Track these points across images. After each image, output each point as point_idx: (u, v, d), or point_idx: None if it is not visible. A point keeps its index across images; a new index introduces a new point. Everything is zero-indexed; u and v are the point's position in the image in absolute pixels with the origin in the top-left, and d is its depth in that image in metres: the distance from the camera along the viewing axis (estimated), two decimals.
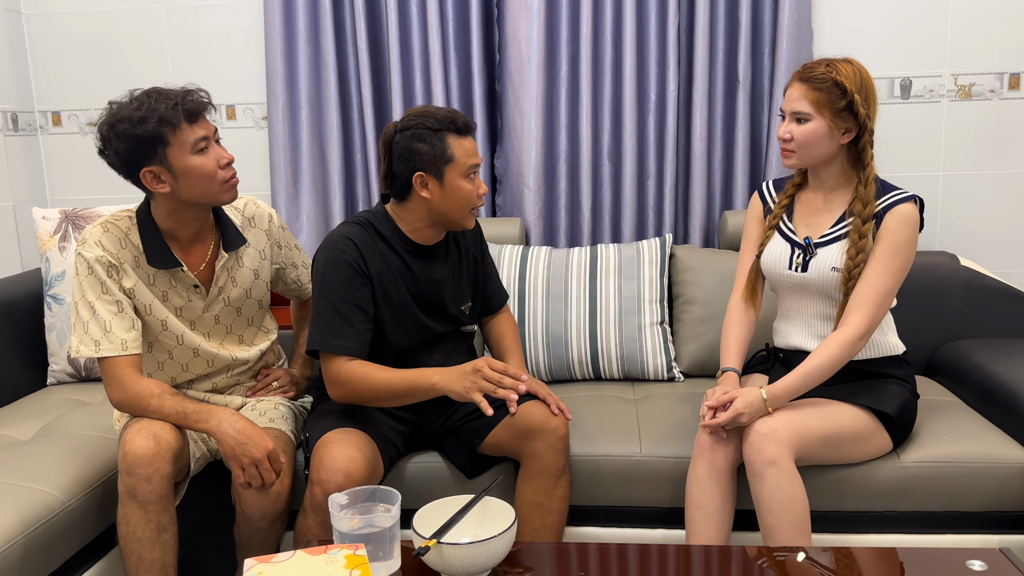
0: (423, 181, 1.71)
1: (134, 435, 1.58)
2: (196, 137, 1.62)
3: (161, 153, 1.61)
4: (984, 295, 2.28)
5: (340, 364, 1.71)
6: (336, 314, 1.71)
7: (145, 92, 1.62)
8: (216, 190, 1.67)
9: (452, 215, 1.74)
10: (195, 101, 1.63)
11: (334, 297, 1.71)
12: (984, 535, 1.80)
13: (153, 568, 1.61)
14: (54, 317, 2.29)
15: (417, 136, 1.69)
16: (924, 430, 1.86)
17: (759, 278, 1.92)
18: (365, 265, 1.74)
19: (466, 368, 1.65)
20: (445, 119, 1.70)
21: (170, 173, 1.63)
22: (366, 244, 1.75)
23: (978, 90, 2.46)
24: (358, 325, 1.72)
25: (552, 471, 1.75)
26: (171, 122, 1.59)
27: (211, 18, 2.65)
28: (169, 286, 1.76)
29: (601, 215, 2.54)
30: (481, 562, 1.31)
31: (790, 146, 1.74)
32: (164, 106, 1.59)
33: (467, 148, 1.71)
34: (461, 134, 1.71)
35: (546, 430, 1.75)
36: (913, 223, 1.71)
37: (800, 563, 1.37)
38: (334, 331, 1.70)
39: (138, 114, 1.58)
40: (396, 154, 1.72)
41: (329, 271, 1.72)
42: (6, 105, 2.64)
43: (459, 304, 1.88)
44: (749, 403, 1.68)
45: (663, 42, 2.44)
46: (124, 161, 1.63)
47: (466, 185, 1.72)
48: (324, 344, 1.71)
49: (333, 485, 1.60)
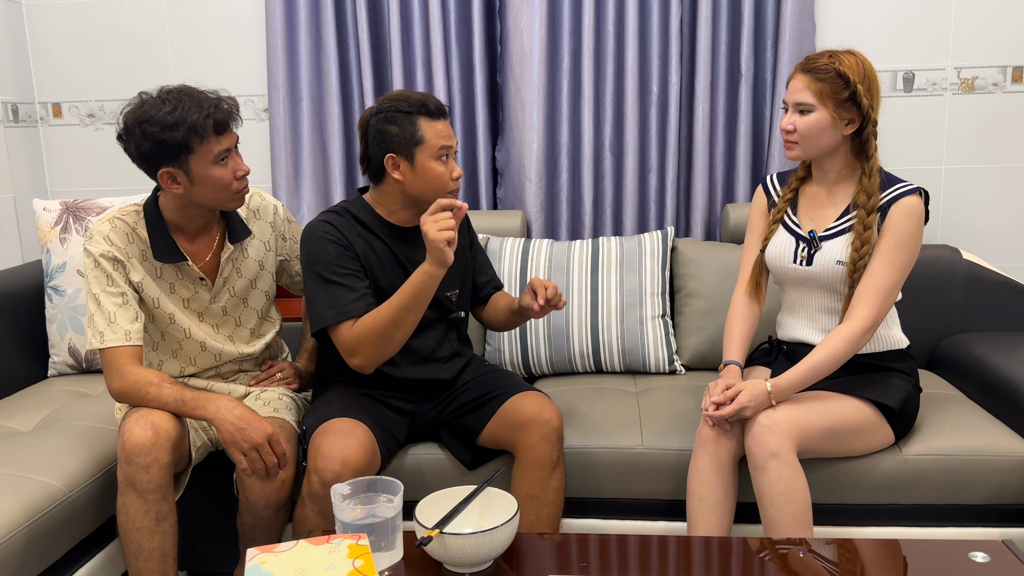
0: (395, 163, 1.73)
1: (132, 424, 1.58)
2: (221, 149, 1.64)
3: (183, 159, 1.62)
4: (986, 289, 2.27)
5: (349, 329, 1.70)
6: (335, 287, 1.71)
7: (178, 94, 1.62)
8: (227, 199, 1.70)
9: (426, 197, 1.74)
10: (225, 112, 1.64)
11: (327, 272, 1.71)
12: (985, 528, 1.80)
13: (152, 557, 1.61)
14: (55, 309, 2.29)
15: (389, 119, 1.72)
16: (926, 423, 1.86)
17: (763, 272, 1.91)
18: (349, 243, 1.75)
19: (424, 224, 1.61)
20: (417, 102, 1.72)
21: (187, 177, 1.65)
22: (346, 228, 1.76)
23: (981, 83, 2.46)
24: (359, 290, 1.72)
25: (546, 463, 1.75)
26: (200, 133, 1.60)
27: (212, 9, 2.65)
28: (176, 278, 1.77)
29: (603, 208, 2.54)
30: (483, 552, 1.31)
31: (793, 137, 1.74)
32: (197, 115, 1.59)
33: (438, 130, 1.72)
34: (433, 117, 1.72)
35: (539, 422, 1.75)
36: (918, 216, 1.71)
37: (802, 556, 1.37)
38: (336, 303, 1.70)
39: (170, 119, 1.58)
40: (370, 137, 1.75)
41: (316, 253, 1.73)
42: (6, 96, 2.63)
43: (444, 290, 1.86)
44: (754, 396, 1.68)
45: (665, 34, 2.43)
46: (144, 156, 1.64)
47: (438, 167, 1.72)
48: (334, 318, 1.69)
49: (330, 474, 1.60)
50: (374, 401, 1.83)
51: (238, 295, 1.86)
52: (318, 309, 1.72)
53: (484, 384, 1.89)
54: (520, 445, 1.77)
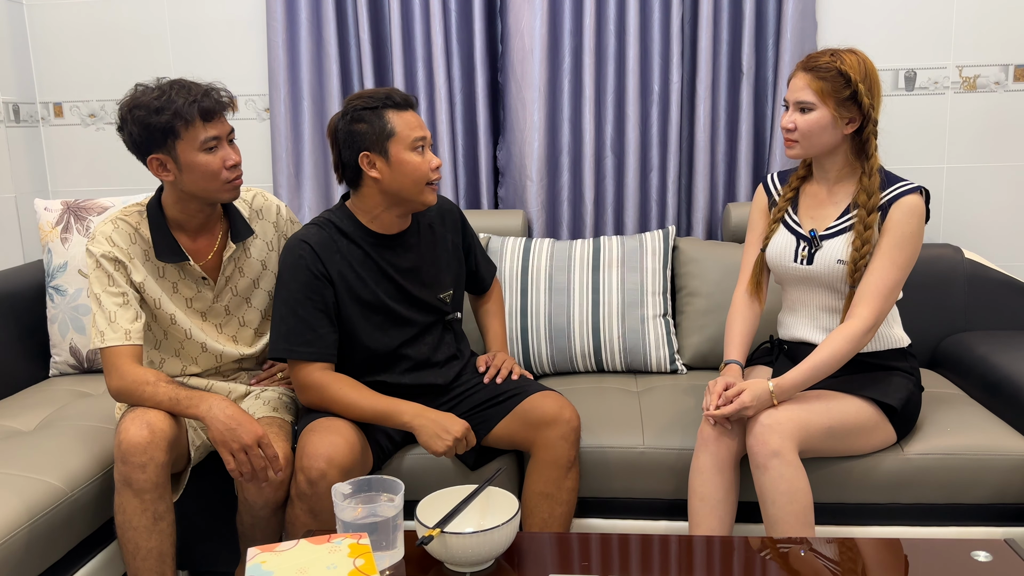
0: (369, 161, 1.71)
1: (128, 424, 1.59)
2: (207, 136, 1.65)
3: (171, 144, 1.64)
4: (988, 287, 2.27)
5: (309, 371, 1.72)
6: (297, 319, 1.71)
7: (170, 82, 1.66)
8: (217, 188, 1.70)
9: (406, 192, 1.72)
10: (214, 100, 1.66)
11: (294, 303, 1.72)
12: (988, 527, 1.80)
13: (150, 557, 1.61)
14: (56, 309, 2.29)
15: (356, 118, 1.70)
16: (928, 422, 1.86)
17: (764, 271, 1.91)
18: (324, 267, 1.73)
19: (448, 427, 1.66)
20: (382, 96, 1.70)
21: (175, 164, 1.67)
22: (324, 245, 1.74)
23: (983, 82, 2.45)
24: (320, 329, 1.72)
25: (563, 462, 1.75)
26: (185, 117, 1.62)
27: (213, 8, 2.65)
28: (179, 278, 1.78)
29: (604, 207, 2.54)
30: (484, 552, 1.31)
31: (793, 136, 1.74)
32: (183, 101, 1.62)
33: (408, 121, 1.71)
34: (400, 108, 1.71)
35: (559, 421, 1.74)
36: (919, 215, 1.71)
37: (803, 555, 1.37)
38: (297, 337, 1.71)
39: (156, 103, 1.62)
40: (341, 141, 1.72)
41: (287, 276, 1.73)
42: (8, 96, 2.64)
43: (437, 292, 1.85)
44: (756, 396, 1.67)
45: (666, 33, 2.43)
46: (136, 143, 1.67)
47: (414, 158, 1.70)
48: (289, 352, 1.72)
49: (315, 472, 1.60)
50: None
51: (241, 294, 1.86)
52: (279, 333, 1.74)
53: (497, 385, 1.87)
54: (538, 444, 1.76)
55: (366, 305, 1.77)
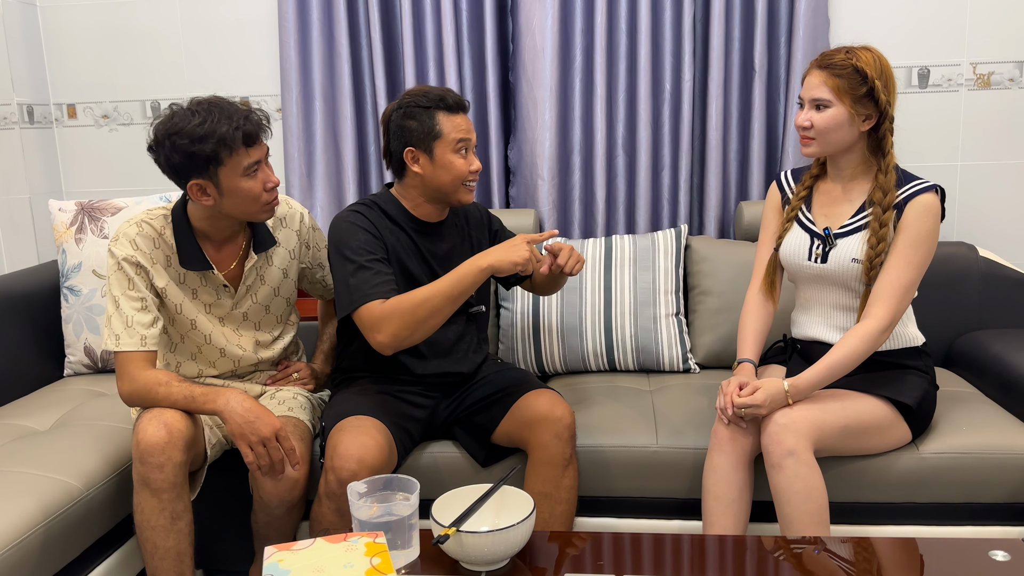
0: (414, 156, 1.77)
1: (146, 424, 1.59)
2: (250, 161, 1.64)
3: (213, 171, 1.62)
4: (1003, 286, 2.26)
5: (378, 306, 1.68)
6: (363, 270, 1.71)
7: (207, 106, 1.62)
8: (256, 210, 1.70)
9: (445, 189, 1.79)
10: (255, 123, 1.65)
11: (356, 256, 1.72)
12: (1004, 527, 1.79)
13: (168, 556, 1.62)
14: (71, 309, 2.30)
15: (408, 114, 1.76)
16: (943, 421, 1.85)
17: (777, 270, 1.90)
18: (379, 231, 1.78)
19: (513, 240, 1.68)
20: (436, 97, 1.76)
21: (217, 190, 1.65)
22: (376, 219, 1.80)
23: (997, 79, 2.44)
24: (387, 274, 1.73)
25: (559, 461, 1.75)
26: (229, 145, 1.60)
27: (225, 10, 2.66)
28: (199, 284, 1.79)
29: (615, 206, 2.53)
30: (500, 550, 1.31)
31: (810, 134, 1.73)
32: (226, 127, 1.59)
33: (457, 124, 1.76)
34: (452, 111, 1.76)
35: (551, 419, 1.75)
36: (935, 213, 1.70)
37: (818, 555, 1.36)
38: (364, 285, 1.70)
39: (199, 131, 1.58)
40: (391, 131, 1.79)
41: (346, 239, 1.74)
42: (22, 98, 2.65)
43: None
44: (771, 395, 1.67)
45: (678, 32, 2.42)
46: (174, 169, 1.64)
47: (457, 160, 1.76)
48: (360, 300, 1.68)
49: (347, 472, 1.60)
50: (393, 399, 1.83)
51: (260, 302, 1.87)
52: (345, 291, 1.72)
53: (498, 381, 1.89)
54: (533, 443, 1.77)
55: (410, 280, 1.81)
